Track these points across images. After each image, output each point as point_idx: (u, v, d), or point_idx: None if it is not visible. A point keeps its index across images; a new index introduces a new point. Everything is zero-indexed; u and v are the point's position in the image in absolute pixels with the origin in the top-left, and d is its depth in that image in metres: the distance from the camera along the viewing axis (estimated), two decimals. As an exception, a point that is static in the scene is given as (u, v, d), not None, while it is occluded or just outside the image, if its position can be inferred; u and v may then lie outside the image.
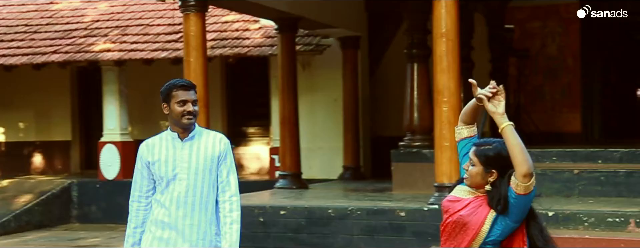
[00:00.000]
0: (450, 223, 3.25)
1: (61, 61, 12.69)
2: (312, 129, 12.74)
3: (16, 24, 14.08)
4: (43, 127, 15.06)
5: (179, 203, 4.04)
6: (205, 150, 4.07)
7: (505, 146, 3.15)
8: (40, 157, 15.19)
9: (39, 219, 12.52)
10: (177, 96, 4.01)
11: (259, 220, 8.10)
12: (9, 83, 14.79)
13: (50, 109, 14.92)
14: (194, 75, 8.40)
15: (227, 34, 12.71)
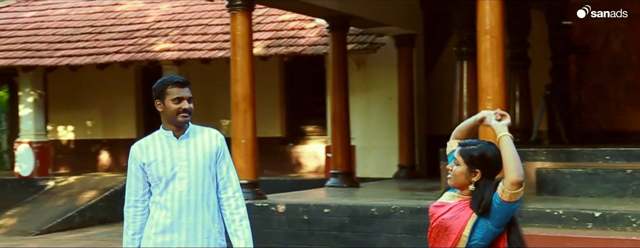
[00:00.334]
0: (434, 227, 3.24)
1: (123, 61, 13.03)
2: (367, 128, 12.74)
3: (83, 25, 14.51)
4: (109, 125, 15.49)
5: (181, 202, 3.91)
6: (202, 147, 3.97)
7: (490, 147, 3.20)
8: (107, 155, 15.61)
9: (103, 215, 12.87)
10: (172, 93, 3.87)
11: (303, 218, 8.15)
12: (78, 83, 15.25)
13: (115, 107, 15.33)
14: (241, 74, 8.52)
15: (283, 33, 12.81)
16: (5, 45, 14.25)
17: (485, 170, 3.18)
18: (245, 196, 8.23)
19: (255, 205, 8.32)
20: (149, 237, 3.93)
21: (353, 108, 12.80)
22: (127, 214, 3.99)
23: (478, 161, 3.18)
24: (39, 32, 14.57)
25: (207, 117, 14.32)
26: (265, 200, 8.41)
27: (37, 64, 13.45)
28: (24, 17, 15.38)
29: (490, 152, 3.18)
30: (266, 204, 8.32)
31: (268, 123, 14.38)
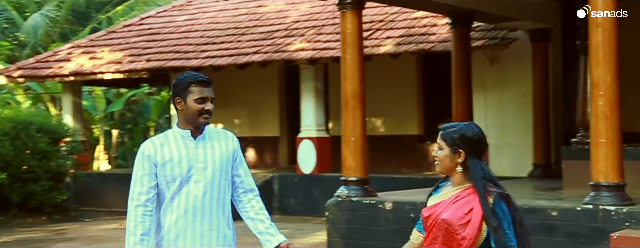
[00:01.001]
0: (433, 230, 3.21)
1: (260, 61, 13.45)
2: (501, 125, 12.39)
3: (228, 27, 15.12)
4: (255, 124, 16.04)
5: (196, 207, 3.71)
6: (219, 150, 3.79)
7: (470, 127, 3.23)
8: (253, 152, 16.17)
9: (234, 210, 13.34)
10: (195, 92, 3.69)
11: (409, 216, 8.09)
12: (226, 82, 15.91)
13: (260, 106, 15.86)
14: (351, 72, 8.57)
15: (414, 30, 12.73)
16: (158, 47, 15.12)
17: (468, 149, 3.18)
18: (354, 193, 8.38)
19: (363, 203, 8.36)
20: (162, 245, 3.75)
21: (487, 105, 12.54)
22: (135, 213, 3.71)
23: (460, 141, 3.19)
24: (189, 34, 15.35)
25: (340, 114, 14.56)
26: (374, 198, 8.42)
27: (184, 65, 14.16)
28: (177, 21, 16.25)
29: (470, 131, 3.20)
30: (374, 201, 8.34)
31: (405, 120, 14.36)
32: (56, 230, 12.33)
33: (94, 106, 20.14)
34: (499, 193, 3.15)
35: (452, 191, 3.23)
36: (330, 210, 8.56)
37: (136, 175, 3.75)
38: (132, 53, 15.17)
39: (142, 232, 3.68)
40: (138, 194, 3.72)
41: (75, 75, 15.28)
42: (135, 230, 3.69)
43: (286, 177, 13.92)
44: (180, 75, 3.81)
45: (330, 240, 8.54)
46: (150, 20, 16.78)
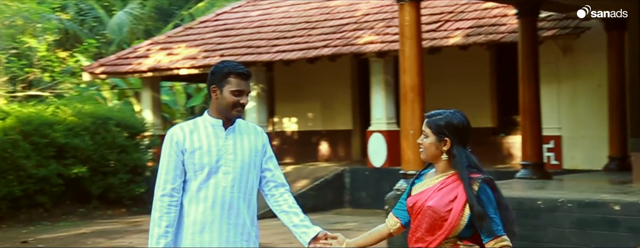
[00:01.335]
0: (418, 216, 3.24)
1: (330, 54, 13.50)
2: (575, 117, 12.08)
3: (299, 22, 15.23)
4: (328, 117, 16.11)
5: (224, 199, 3.63)
6: (249, 142, 3.71)
7: (456, 115, 3.24)
8: (326, 145, 16.26)
9: (313, 203, 13.45)
10: (233, 84, 3.60)
11: (468, 210, 7.99)
12: (300, 76, 16.04)
13: (333, 99, 15.92)
14: (409, 65, 8.52)
15: (484, 21, 12.53)
16: (231, 43, 15.36)
17: (454, 137, 3.19)
18: (413, 186, 8.30)
19: (422, 196, 8.29)
20: (186, 236, 3.65)
21: (560, 97, 12.24)
22: (161, 203, 3.62)
23: (445, 129, 3.20)
24: (261, 29, 15.52)
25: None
26: (433, 191, 8.34)
27: (256, 59, 14.35)
28: (250, 16, 16.46)
29: (456, 119, 3.22)
30: (433, 195, 8.25)
31: (478, 113, 14.14)
32: (132, 222, 12.72)
33: (175, 101, 20.62)
34: (484, 179, 3.17)
35: (437, 178, 3.25)
36: (390, 204, 8.54)
37: (163, 162, 3.66)
38: (207, 49, 15.46)
39: (167, 224, 3.60)
40: (164, 183, 3.63)
41: (153, 71, 15.68)
42: (160, 221, 3.60)
43: (357, 170, 13.94)
44: (219, 63, 3.71)
45: (390, 233, 8.51)
46: (225, 16, 17.06)
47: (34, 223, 12.74)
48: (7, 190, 12.54)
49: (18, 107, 14.00)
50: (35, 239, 11.09)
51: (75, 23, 24.79)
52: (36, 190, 12.92)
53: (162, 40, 16.87)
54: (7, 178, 12.58)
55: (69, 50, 23.25)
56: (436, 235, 3.18)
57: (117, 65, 16.32)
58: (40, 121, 13.13)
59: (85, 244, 10.43)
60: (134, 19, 23.47)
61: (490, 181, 3.20)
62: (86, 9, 25.28)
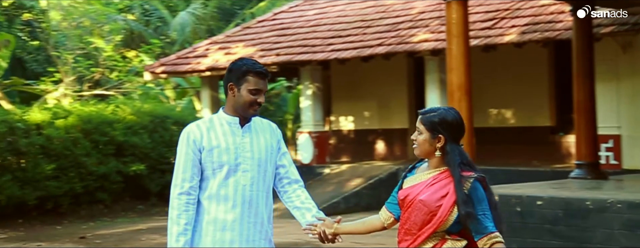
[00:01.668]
0: (408, 210, 3.29)
1: (384, 53, 13.46)
2: (635, 116, 11.77)
3: (355, 20, 15.22)
4: (384, 116, 16.08)
5: (244, 197, 3.61)
6: (265, 140, 3.70)
7: (450, 112, 3.28)
8: (382, 144, 16.22)
9: (367, 202, 13.44)
10: (252, 83, 3.58)
11: (515, 210, 7.88)
12: (357, 75, 16.04)
13: (390, 98, 15.88)
14: (456, 63, 8.44)
15: (541, 18, 12.31)
16: (288, 42, 15.45)
17: (448, 134, 3.23)
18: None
19: (468, 195, 8.21)
20: (207, 233, 3.61)
21: (619, 95, 11.95)
22: (179, 201, 3.59)
23: (440, 126, 3.23)
24: (317, 28, 15.58)
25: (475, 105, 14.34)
26: (479, 190, 8.24)
27: (310, 59, 14.41)
28: (307, 15, 16.53)
29: (450, 116, 3.26)
30: (479, 194, 8.16)
31: (535, 111, 13.95)
32: (189, 219, 12.92)
33: (234, 100, 20.84)
34: (476, 178, 3.20)
35: (429, 173, 3.28)
36: (436, 203, 8.48)
37: (180, 160, 3.63)
38: (264, 48, 15.59)
39: (186, 221, 3.57)
40: (181, 181, 3.60)
41: (211, 71, 15.89)
42: (179, 220, 3.56)
43: (412, 169, 13.85)
44: (237, 61, 3.69)
45: (436, 233, 8.45)
46: (283, 15, 17.17)
47: (94, 219, 13.08)
48: (68, 186, 12.92)
49: (79, 106, 14.38)
50: (93, 235, 11.38)
51: (141, 23, 25.32)
52: (96, 187, 13.27)
53: (220, 40, 17.09)
54: (69, 176, 12.96)
55: (134, 50, 23.76)
56: (424, 228, 3.22)
57: (176, 64, 16.60)
58: (100, 120, 13.47)
59: (140, 240, 10.65)
60: (196, 19, 23.82)
61: (483, 179, 3.23)
62: (151, 9, 25.78)
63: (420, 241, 3.24)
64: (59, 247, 10.42)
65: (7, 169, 12.44)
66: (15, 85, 20.85)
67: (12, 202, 12.40)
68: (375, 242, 9.33)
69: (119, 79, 22.17)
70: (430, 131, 3.25)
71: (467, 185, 3.18)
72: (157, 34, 25.06)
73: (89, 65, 21.51)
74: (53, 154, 12.81)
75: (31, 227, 12.42)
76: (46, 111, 13.30)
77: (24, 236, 11.52)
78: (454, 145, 3.23)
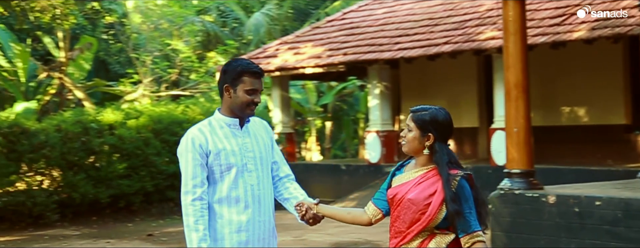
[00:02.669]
0: (398, 208, 3.37)
1: (450, 51, 13.31)
2: None
3: (422, 18, 15.10)
4: (454, 115, 15.50)
5: (254, 197, 3.66)
6: (261, 138, 3.76)
7: (441, 111, 3.41)
8: (452, 143, 15.98)
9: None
10: (247, 83, 3.61)
11: (574, 211, 7.69)
12: (427, 74, 15.92)
13: (460, 96, 15.68)
14: (513, 61, 8.28)
15: (612, 14, 11.92)
16: (356, 41, 15.46)
17: (437, 133, 3.34)
18: (518, 186, 8.12)
19: (525, 196, 8.07)
20: (224, 237, 3.63)
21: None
22: (194, 207, 3.58)
23: (430, 125, 3.33)
24: (385, 27, 15.52)
25: (547, 105, 14.06)
26: (537, 191, 8.09)
27: (377, 57, 14.37)
28: (375, 14, 16.49)
29: (441, 115, 3.38)
30: (537, 195, 8.01)
31: (609, 109, 13.55)
32: (255, 217, 13.09)
33: (307, 99, 20.99)
34: (462, 176, 3.28)
35: (417, 172, 3.35)
36: (493, 203, 8.35)
37: (187, 167, 3.63)
38: (332, 47, 15.64)
39: (204, 227, 3.58)
40: (193, 187, 3.60)
41: (280, 71, 16.04)
42: (197, 225, 3.57)
43: (480, 169, 13.63)
44: (231, 62, 3.71)
45: (493, 233, 8.33)
46: (352, 14, 17.18)
47: (164, 217, 13.40)
48: (139, 185, 13.27)
49: (150, 106, 14.74)
50: (160, 233, 11.67)
51: (217, 25, 25.76)
52: (167, 186, 13.58)
53: (290, 40, 17.22)
54: (140, 174, 13.31)
55: (210, 52, 24.21)
56: (413, 226, 3.30)
57: (247, 65, 16.78)
58: (170, 120, 13.78)
59: (204, 238, 10.84)
60: (270, 19, 24.07)
61: (469, 177, 3.32)
62: (227, 10, 26.19)
63: (409, 238, 3.33)
64: (127, 245, 10.72)
65: (82, 168, 12.88)
66: (97, 87, 21.55)
67: (86, 200, 12.83)
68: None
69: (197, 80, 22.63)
70: (420, 129, 3.35)
71: (454, 183, 3.26)
72: (234, 35, 25.44)
73: (166, 66, 22.03)
74: (125, 153, 13.19)
75: (104, 224, 12.82)
76: (118, 112, 13.69)
77: (96, 233, 11.90)
78: (442, 144, 3.34)
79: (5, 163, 12.29)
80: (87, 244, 10.86)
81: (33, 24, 19.10)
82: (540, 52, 12.58)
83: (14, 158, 12.35)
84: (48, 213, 12.49)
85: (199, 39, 24.22)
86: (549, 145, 13.79)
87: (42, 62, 21.16)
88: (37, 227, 12.34)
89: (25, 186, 12.53)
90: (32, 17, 16.32)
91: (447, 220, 3.28)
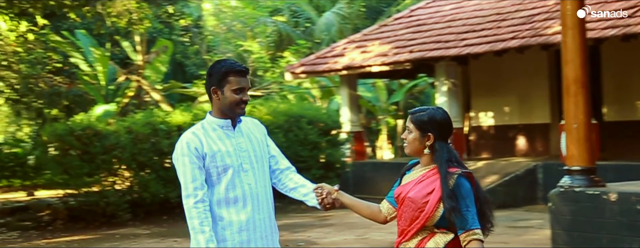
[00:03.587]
0: (402, 207, 3.44)
1: (517, 46, 13.08)
2: None
3: (490, 14, 14.87)
4: (525, 111, 15.61)
5: (252, 196, 3.68)
6: (255, 137, 3.78)
7: (438, 111, 3.42)
8: (523, 140, 15.75)
9: (503, 199, 13.09)
10: (234, 83, 3.62)
11: (636, 208, 7.45)
12: (497, 69, 15.67)
13: (531, 92, 15.40)
14: (572, 56, 8.08)
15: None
16: (422, 38, 15.34)
17: (437, 133, 3.37)
18: (578, 183, 7.94)
19: (586, 193, 7.87)
20: (225, 238, 3.66)
21: None
22: (198, 210, 3.59)
23: (429, 125, 3.37)
24: (452, 23, 15.35)
25: (623, 99, 13.69)
26: (598, 188, 7.87)
27: (443, 54, 14.24)
28: (443, 11, 16.33)
29: (439, 115, 3.40)
30: (598, 192, 7.79)
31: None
32: (321, 217, 13.13)
33: (377, 97, 20.94)
34: (462, 173, 3.29)
35: (419, 171, 3.42)
36: (553, 201, 8.17)
37: (186, 170, 3.64)
38: (398, 45, 15.56)
39: (209, 228, 3.60)
40: (193, 190, 3.62)
41: (347, 69, 16.06)
42: (202, 227, 3.58)
43: (550, 165, 13.36)
44: (215, 64, 3.73)
45: (554, 232, 8.15)
46: (419, 11, 17.06)
47: (232, 216, 13.57)
48: (209, 184, 13.47)
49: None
50: (227, 231, 11.82)
51: (290, 25, 25.98)
52: (235, 185, 13.74)
53: (358, 39, 17.23)
54: (210, 174, 13.51)
55: (284, 51, 24.45)
56: (413, 224, 3.37)
57: (315, 64, 16.90)
58: (237, 120, 13.93)
59: (267, 237, 10.96)
60: (341, 18, 24.12)
61: (469, 175, 3.33)
62: (299, 11, 26.39)
63: (409, 236, 3.40)
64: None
65: (152, 168, 13.18)
66: (173, 88, 22.04)
67: (156, 200, 13.13)
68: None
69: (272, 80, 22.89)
70: (419, 130, 3.40)
71: (452, 181, 3.28)
72: (306, 35, 25.61)
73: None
74: (193, 154, 13.40)
75: (174, 223, 13.09)
76: (187, 113, 13.94)
77: (165, 232, 12.16)
78: (443, 143, 3.37)
79: (79, 164, 12.70)
80: (155, 243, 11.12)
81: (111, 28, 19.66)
82: (611, 45, 12.23)
83: (87, 160, 12.75)
84: (120, 212, 12.84)
85: (271, 39, 24.48)
86: (623, 141, 13.40)
87: (121, 66, 21.78)
88: (110, 226, 12.71)
89: (99, 187, 12.91)
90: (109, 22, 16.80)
91: (445, 219, 3.32)
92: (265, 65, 22.50)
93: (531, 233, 10.41)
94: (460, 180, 3.31)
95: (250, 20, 23.54)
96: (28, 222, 13.20)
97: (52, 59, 20.34)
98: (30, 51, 18.23)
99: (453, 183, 3.29)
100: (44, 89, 19.40)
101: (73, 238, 12.00)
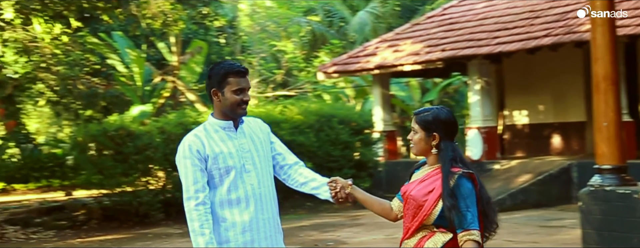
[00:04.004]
0: (407, 205, 3.47)
1: (550, 44, 12.92)
2: None
3: (522, 11, 14.71)
4: (560, 109, 15.42)
5: (255, 197, 3.68)
6: (257, 137, 3.77)
7: (442, 110, 3.44)
8: (558, 138, 15.56)
9: (536, 198, 12.96)
10: (234, 83, 3.63)
11: (668, 208, 7.32)
12: (532, 68, 15.50)
13: (566, 90, 15.21)
14: (601, 53, 7.96)
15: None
16: (454, 37, 15.23)
17: (442, 132, 3.39)
18: (608, 182, 7.83)
19: (616, 192, 7.75)
20: (228, 240, 3.66)
21: None
22: (198, 212, 3.59)
23: (434, 125, 3.39)
24: (484, 21, 15.22)
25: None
26: (629, 187, 7.74)
27: (475, 53, 14.12)
28: (475, 9, 16.19)
29: (443, 114, 3.42)
30: (628, 191, 7.67)
31: None
32: (352, 216, 13.13)
33: (410, 96, 20.85)
34: (464, 173, 3.30)
35: (425, 171, 3.45)
36: (583, 200, 8.06)
37: (187, 172, 3.64)
38: (430, 44, 15.48)
39: (209, 231, 3.59)
40: (195, 192, 3.62)
41: (379, 69, 16.02)
42: (203, 230, 3.57)
43: (585, 164, 13.14)
44: (215, 66, 3.74)
45: (584, 231, 8.03)
46: (452, 9, 16.95)
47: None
48: (240, 184, 13.54)
49: (252, 107, 15.03)
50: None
51: (324, 25, 25.99)
52: (267, 185, 13.78)
53: (390, 38, 17.17)
54: (240, 173, 13.57)
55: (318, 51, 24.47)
56: (412, 221, 3.41)
57: (347, 64, 16.88)
58: (268, 120, 13.72)
59: (298, 236, 10.97)
60: (374, 17, 24.06)
61: (471, 175, 3.33)
62: (333, 10, 26.38)
63: (410, 233, 3.44)
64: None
65: (184, 168, 13.25)
66: (208, 89, 22.17)
67: (188, 199, 13.21)
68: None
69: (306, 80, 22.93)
70: (425, 130, 3.42)
71: (452, 181, 3.30)
72: (340, 35, 25.60)
73: (273, 67, 22.44)
74: (225, 154, 13.48)
75: (207, 222, 13.18)
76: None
77: (197, 231, 12.24)
78: (448, 142, 3.39)
79: (113, 164, 12.84)
80: (187, 243, 11.16)
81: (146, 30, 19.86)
82: (643, 42, 12.03)
83: (121, 160, 12.88)
84: (153, 212, 12.97)
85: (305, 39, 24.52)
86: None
87: (157, 67, 21.99)
88: (143, 226, 12.84)
89: (132, 187, 13.04)
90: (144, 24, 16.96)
91: (446, 218, 3.33)
92: (299, 65, 22.53)
93: (563, 233, 10.27)
94: (461, 180, 3.32)
95: (284, 20, 23.59)
96: (64, 221, 13.38)
97: (90, 61, 20.58)
98: (67, 53, 18.49)
99: (453, 182, 3.31)
100: (82, 90, 19.64)
101: (107, 237, 12.16)
